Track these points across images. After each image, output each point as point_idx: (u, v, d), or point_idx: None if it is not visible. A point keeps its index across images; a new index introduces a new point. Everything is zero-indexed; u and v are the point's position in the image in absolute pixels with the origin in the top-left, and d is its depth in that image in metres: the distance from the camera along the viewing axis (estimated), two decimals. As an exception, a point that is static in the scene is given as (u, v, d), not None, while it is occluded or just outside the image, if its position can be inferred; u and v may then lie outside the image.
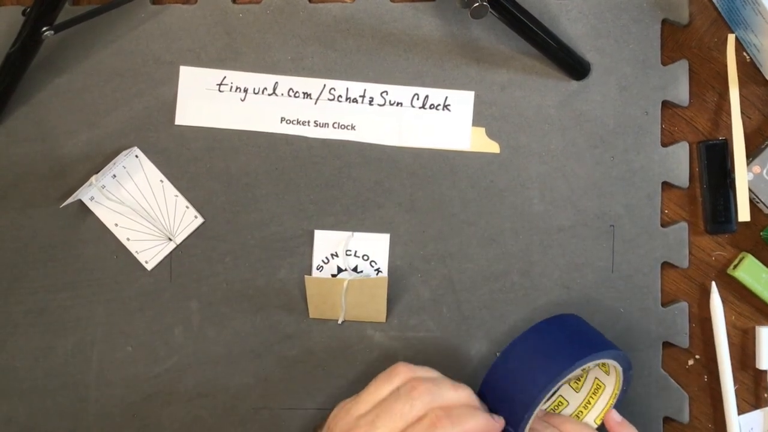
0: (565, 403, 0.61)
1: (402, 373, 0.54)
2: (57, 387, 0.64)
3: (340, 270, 0.64)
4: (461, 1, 0.54)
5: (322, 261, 0.64)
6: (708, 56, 0.63)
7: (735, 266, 0.63)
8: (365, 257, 0.64)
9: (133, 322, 0.64)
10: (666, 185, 0.63)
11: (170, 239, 0.64)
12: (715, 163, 0.63)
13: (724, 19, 0.63)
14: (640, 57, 0.62)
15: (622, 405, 0.62)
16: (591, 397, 0.60)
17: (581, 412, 0.60)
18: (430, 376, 0.54)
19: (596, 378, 0.60)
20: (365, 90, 0.63)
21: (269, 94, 0.63)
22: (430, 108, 0.63)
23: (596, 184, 0.63)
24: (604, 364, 0.58)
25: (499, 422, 0.54)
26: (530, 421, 0.54)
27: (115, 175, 0.63)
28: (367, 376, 0.56)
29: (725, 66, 0.62)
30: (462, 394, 0.54)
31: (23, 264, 0.64)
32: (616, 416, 0.59)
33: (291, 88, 0.63)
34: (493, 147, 0.63)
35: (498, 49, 0.63)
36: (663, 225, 0.63)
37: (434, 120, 0.63)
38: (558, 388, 0.61)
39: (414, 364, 0.55)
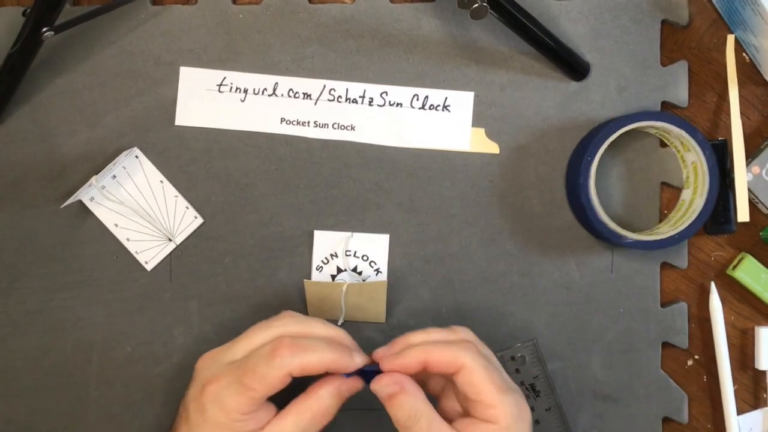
0: None
1: (275, 327, 0.49)
2: (57, 387, 0.64)
3: (339, 270, 0.64)
4: (461, 1, 0.54)
5: (322, 261, 0.64)
6: (707, 57, 0.63)
7: (734, 266, 0.63)
8: (365, 258, 0.64)
9: (133, 322, 0.64)
10: (665, 185, 0.63)
11: (170, 240, 0.64)
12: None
13: (723, 20, 0.63)
14: (639, 57, 0.62)
15: (622, 404, 0.63)
16: None
17: None
18: (304, 331, 0.49)
19: None
20: (365, 90, 0.63)
21: (269, 95, 0.63)
22: (430, 108, 0.63)
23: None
24: None
25: (358, 359, 0.49)
26: None
27: (115, 176, 0.63)
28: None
29: (725, 66, 0.62)
30: (330, 330, 0.49)
31: (23, 264, 0.64)
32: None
33: (291, 89, 0.63)
34: (492, 147, 0.63)
35: (497, 50, 0.63)
36: (662, 225, 0.63)
37: (434, 120, 0.63)
38: None
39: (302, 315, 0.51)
